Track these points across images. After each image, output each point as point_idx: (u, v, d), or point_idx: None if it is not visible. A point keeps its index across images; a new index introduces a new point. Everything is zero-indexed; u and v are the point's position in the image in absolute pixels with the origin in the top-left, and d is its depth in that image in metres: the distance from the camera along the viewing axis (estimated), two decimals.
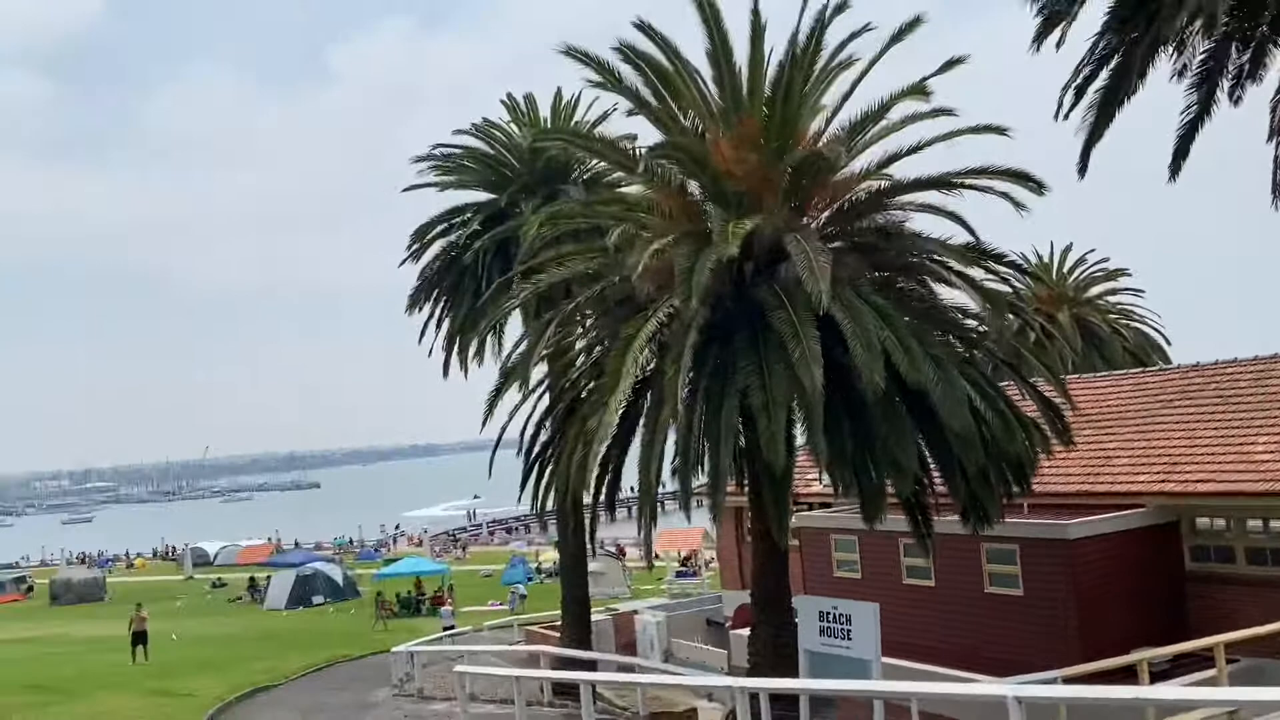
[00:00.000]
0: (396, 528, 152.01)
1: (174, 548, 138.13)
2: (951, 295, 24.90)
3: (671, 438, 22.98)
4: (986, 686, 19.65)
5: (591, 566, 46.96)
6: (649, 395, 24.71)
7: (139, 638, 50.24)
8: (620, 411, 23.35)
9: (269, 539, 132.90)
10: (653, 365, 24.51)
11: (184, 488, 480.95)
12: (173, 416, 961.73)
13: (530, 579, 78.40)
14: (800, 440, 22.80)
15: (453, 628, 52.49)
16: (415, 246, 41.59)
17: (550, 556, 77.59)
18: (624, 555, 79.10)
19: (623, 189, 31.29)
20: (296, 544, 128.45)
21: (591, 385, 25.90)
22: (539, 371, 28.49)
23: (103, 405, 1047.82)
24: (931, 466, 24.42)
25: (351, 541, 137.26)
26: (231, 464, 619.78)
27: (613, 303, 25.94)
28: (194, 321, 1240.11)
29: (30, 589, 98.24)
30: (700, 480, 22.99)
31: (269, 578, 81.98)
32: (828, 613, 23.39)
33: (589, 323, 27.73)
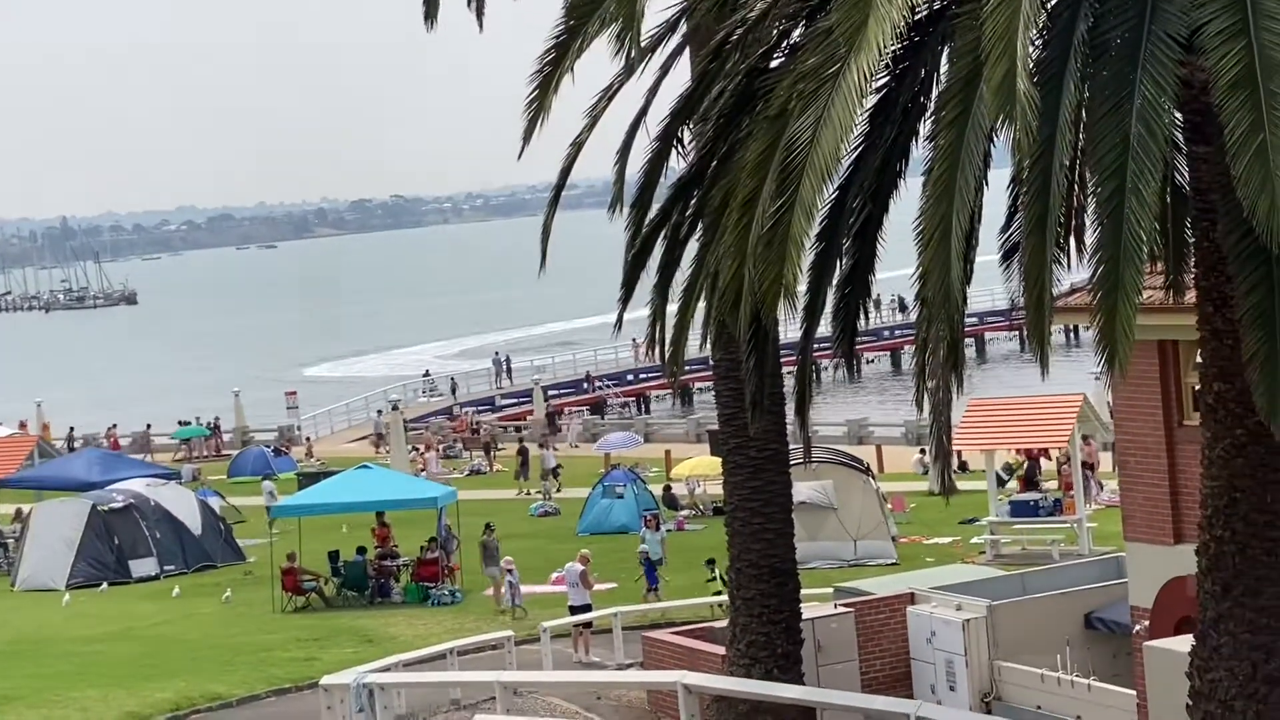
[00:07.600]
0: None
1: None
2: None
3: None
4: None
5: (802, 492, 25.56)
6: (923, 71, 12.21)
7: None
8: (873, 104, 11.99)
9: (20, 424, 65.50)
10: None
11: None
12: None
13: (653, 520, 34.99)
14: None
15: (588, 610, 27.31)
16: None
17: (705, 467, 40.56)
18: (876, 468, 41.57)
19: None
20: (76, 437, 65.53)
21: (799, 36, 12.72)
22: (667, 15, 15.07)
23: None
24: None
25: (215, 428, 66.72)
26: None
27: None
28: None
29: None
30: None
31: (24, 515, 40.14)
32: None
33: None
